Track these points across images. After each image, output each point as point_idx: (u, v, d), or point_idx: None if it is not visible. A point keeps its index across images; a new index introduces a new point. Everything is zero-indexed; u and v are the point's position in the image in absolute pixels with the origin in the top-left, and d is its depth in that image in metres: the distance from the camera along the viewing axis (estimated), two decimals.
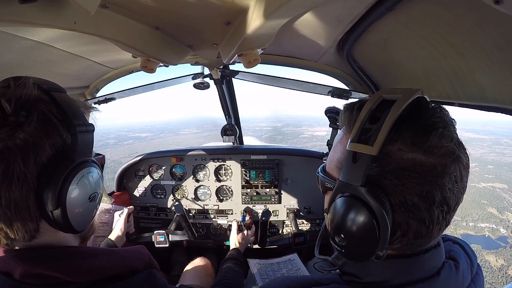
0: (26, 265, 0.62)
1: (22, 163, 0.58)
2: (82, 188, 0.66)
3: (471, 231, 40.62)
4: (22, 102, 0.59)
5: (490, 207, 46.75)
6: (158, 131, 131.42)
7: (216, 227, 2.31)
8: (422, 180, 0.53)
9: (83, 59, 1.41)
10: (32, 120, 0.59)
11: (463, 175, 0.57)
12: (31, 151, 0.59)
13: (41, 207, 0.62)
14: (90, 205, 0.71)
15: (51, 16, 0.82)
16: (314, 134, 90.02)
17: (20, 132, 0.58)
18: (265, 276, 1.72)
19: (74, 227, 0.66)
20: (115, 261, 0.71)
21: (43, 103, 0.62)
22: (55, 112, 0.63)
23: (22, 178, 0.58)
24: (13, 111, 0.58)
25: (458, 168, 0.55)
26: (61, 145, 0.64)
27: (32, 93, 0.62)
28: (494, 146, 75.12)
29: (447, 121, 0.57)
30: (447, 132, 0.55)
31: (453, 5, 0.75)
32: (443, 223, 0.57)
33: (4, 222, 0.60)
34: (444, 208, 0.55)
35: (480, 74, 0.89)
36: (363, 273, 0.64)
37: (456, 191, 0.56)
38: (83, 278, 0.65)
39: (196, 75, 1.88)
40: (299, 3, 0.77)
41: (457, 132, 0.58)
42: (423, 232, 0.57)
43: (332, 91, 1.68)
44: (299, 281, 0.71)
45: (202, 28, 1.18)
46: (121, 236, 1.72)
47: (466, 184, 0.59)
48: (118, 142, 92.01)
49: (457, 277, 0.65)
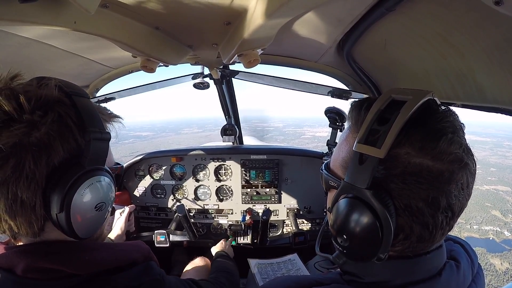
0: (29, 259, 0.63)
1: (32, 161, 0.58)
2: (89, 195, 0.66)
3: (475, 234, 40.34)
4: (41, 102, 0.60)
5: (493, 209, 46.48)
6: (159, 130, 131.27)
7: (216, 227, 2.31)
8: (429, 186, 0.53)
9: (82, 58, 1.41)
10: (47, 120, 0.59)
11: (470, 182, 0.56)
12: (44, 152, 0.59)
13: (47, 208, 0.62)
14: (96, 214, 0.69)
15: (51, 16, 0.82)
16: (316, 135, 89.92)
17: (36, 131, 0.58)
18: (265, 276, 1.72)
19: (77, 233, 0.66)
20: (115, 254, 0.72)
21: (62, 106, 0.63)
22: (72, 116, 0.63)
23: (31, 176, 0.59)
24: (31, 109, 0.58)
25: (465, 175, 0.55)
26: (75, 150, 0.64)
27: (53, 94, 0.62)
28: (496, 149, 74.90)
29: (456, 126, 0.56)
30: (457, 137, 0.54)
31: (453, 5, 0.75)
32: (446, 228, 0.57)
33: (9, 215, 0.60)
34: (449, 214, 0.55)
35: (480, 74, 0.89)
36: (364, 273, 0.64)
37: (461, 197, 0.55)
38: (86, 270, 0.66)
39: (196, 75, 1.88)
40: (299, 3, 0.77)
41: (465, 138, 0.57)
42: (426, 237, 0.56)
43: (332, 92, 1.68)
44: (300, 281, 0.71)
45: (202, 28, 1.18)
46: (121, 235, 1.72)
47: (471, 190, 0.58)
48: (119, 141, 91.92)
49: (458, 277, 0.65)
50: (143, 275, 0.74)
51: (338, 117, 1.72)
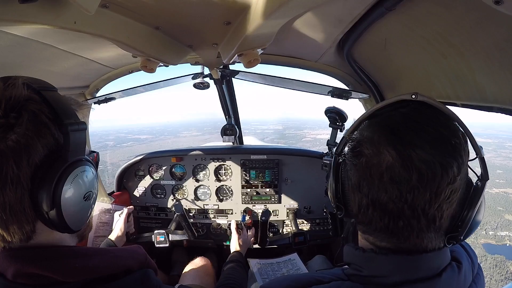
0: (18, 264, 0.62)
1: (15, 165, 0.57)
2: (76, 187, 0.65)
3: (491, 240, 39.08)
4: (12, 103, 0.58)
5: (506, 214, 45.17)
6: (157, 133, 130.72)
7: (216, 227, 2.31)
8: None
9: (82, 58, 1.41)
10: (23, 121, 0.58)
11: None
12: (24, 153, 0.58)
13: (36, 208, 0.61)
14: (85, 204, 0.70)
15: (51, 16, 0.81)
16: (317, 137, 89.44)
17: (12, 133, 0.57)
18: (265, 275, 1.72)
19: (70, 226, 0.65)
20: (108, 260, 0.70)
21: (33, 103, 0.61)
22: (46, 112, 0.62)
23: (16, 180, 0.57)
24: (3, 113, 0.57)
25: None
26: (53, 145, 0.63)
27: (22, 93, 0.60)
28: (500, 150, 73.98)
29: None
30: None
31: (453, 5, 0.75)
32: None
33: (0, 226, 0.59)
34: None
35: (480, 74, 0.89)
36: (364, 265, 0.65)
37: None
38: (76, 277, 0.64)
39: (196, 75, 1.88)
40: (299, 3, 0.77)
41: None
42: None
43: (332, 91, 1.68)
44: (300, 280, 0.71)
45: (202, 28, 1.18)
46: (121, 236, 1.72)
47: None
48: (117, 144, 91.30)
49: (459, 278, 0.65)
50: (138, 285, 0.72)
51: (338, 117, 1.72)
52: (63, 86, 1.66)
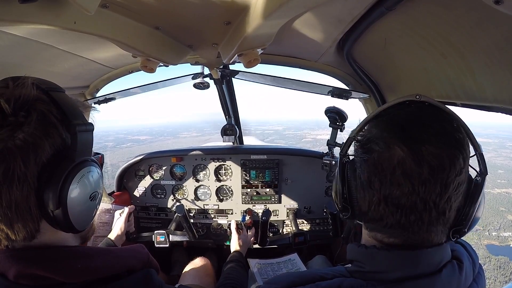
0: (20, 265, 0.62)
1: (22, 163, 0.57)
2: (82, 187, 0.66)
3: (495, 241, 38.71)
4: (21, 102, 0.59)
5: (509, 214, 44.80)
6: (157, 134, 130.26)
7: (216, 227, 2.31)
8: None
9: (82, 58, 1.41)
10: (31, 120, 0.59)
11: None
12: (31, 151, 0.58)
13: (42, 207, 0.61)
14: (91, 204, 0.70)
15: (51, 16, 0.82)
16: (317, 137, 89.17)
17: (20, 132, 0.57)
18: (266, 276, 1.72)
19: (75, 226, 0.66)
20: (110, 260, 0.70)
21: (42, 103, 0.62)
22: (54, 112, 0.63)
23: (22, 178, 0.58)
24: (12, 111, 0.57)
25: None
26: (61, 145, 0.63)
27: (31, 93, 0.61)
28: (501, 150, 73.64)
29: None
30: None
31: (453, 5, 0.75)
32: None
33: (5, 223, 0.59)
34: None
35: (480, 74, 0.89)
36: (366, 260, 0.66)
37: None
38: (78, 278, 0.64)
39: (196, 75, 1.88)
40: (299, 3, 0.77)
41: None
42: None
43: (332, 91, 1.68)
44: (304, 276, 0.72)
45: (202, 28, 1.18)
46: (120, 235, 1.72)
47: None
48: (117, 144, 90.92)
49: (460, 276, 0.66)
50: (141, 285, 0.72)
51: (338, 117, 1.72)
52: (63, 86, 1.63)
